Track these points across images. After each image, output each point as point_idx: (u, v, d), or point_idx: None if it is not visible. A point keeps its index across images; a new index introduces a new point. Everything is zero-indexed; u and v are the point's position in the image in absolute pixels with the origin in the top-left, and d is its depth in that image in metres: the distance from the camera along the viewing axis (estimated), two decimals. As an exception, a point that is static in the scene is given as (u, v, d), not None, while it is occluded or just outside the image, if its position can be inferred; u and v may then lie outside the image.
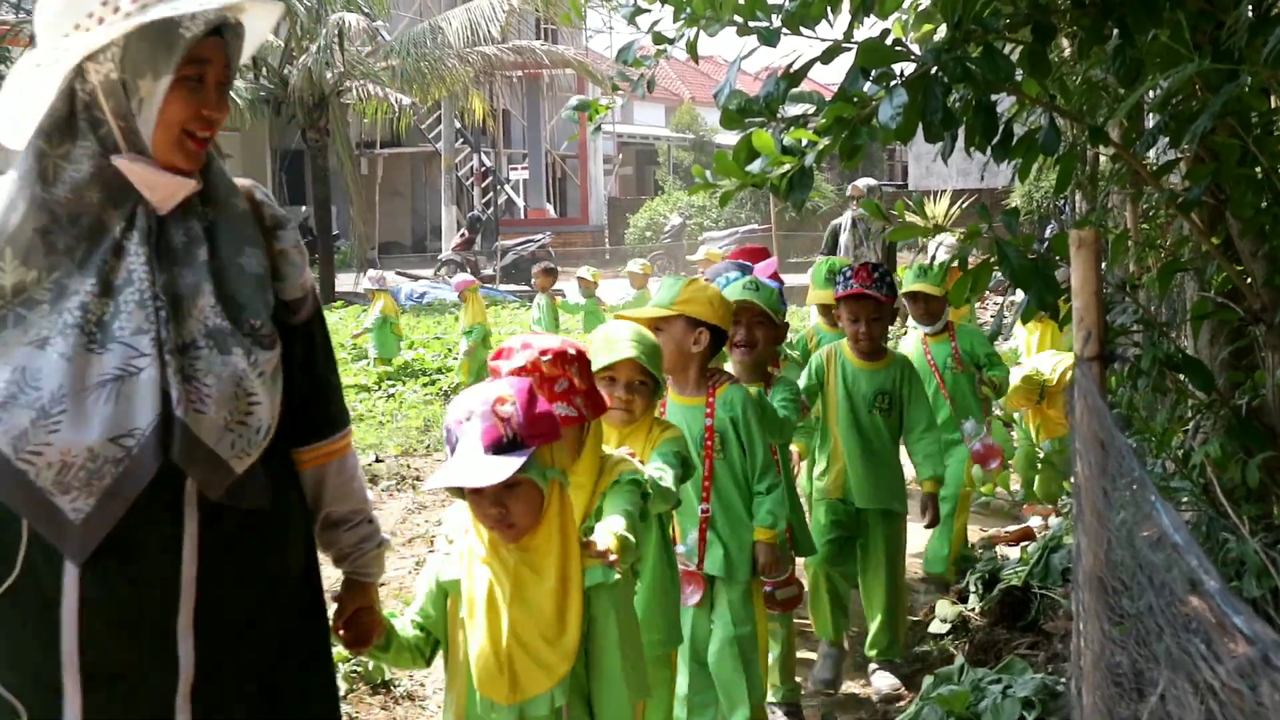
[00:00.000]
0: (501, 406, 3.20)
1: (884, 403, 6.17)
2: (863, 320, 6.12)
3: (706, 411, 4.96)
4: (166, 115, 2.72)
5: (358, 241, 30.90)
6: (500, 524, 3.26)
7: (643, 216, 39.91)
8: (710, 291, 4.98)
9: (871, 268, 6.14)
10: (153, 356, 2.64)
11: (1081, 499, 2.53)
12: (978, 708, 4.47)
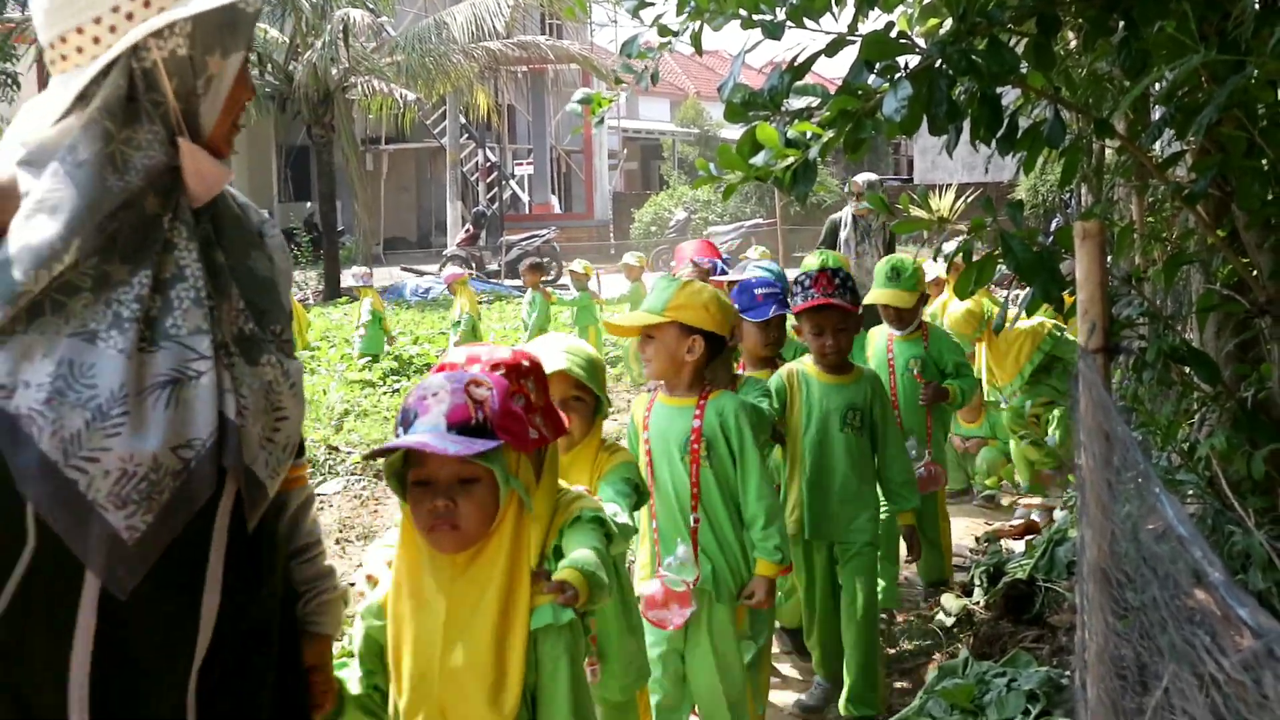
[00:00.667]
0: (476, 389, 2.87)
1: (855, 420, 5.66)
2: (828, 332, 5.62)
3: (695, 413, 4.67)
4: (234, 98, 2.55)
5: (363, 237, 30.90)
6: (443, 523, 2.86)
7: (648, 211, 39.90)
8: (705, 296, 4.67)
9: (832, 274, 5.66)
10: (212, 360, 2.43)
11: (1085, 491, 2.52)
12: (982, 701, 4.46)
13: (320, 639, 2.88)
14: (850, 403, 5.64)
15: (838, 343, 5.62)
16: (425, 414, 2.83)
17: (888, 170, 52.30)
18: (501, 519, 2.90)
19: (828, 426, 5.62)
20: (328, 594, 2.89)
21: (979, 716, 4.40)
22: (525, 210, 44.67)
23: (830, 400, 5.65)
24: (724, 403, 4.67)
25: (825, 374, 5.70)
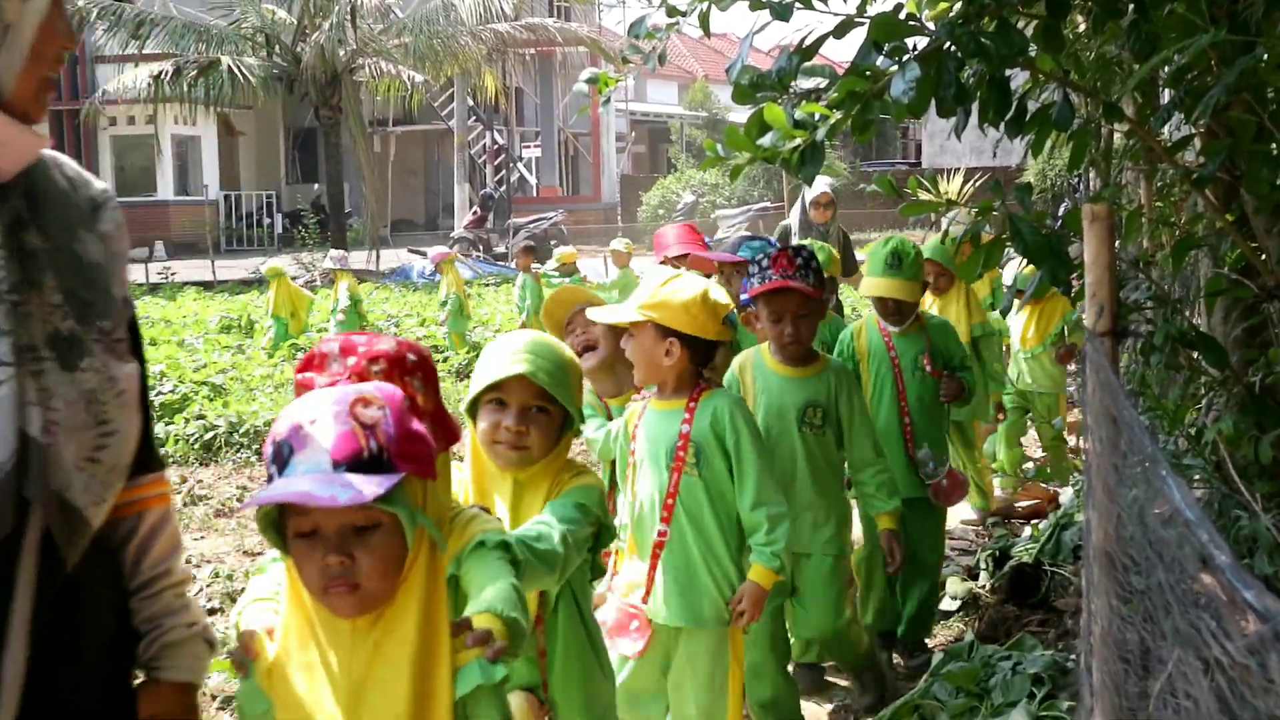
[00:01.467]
0: (364, 409, 2.27)
1: (816, 417, 5.03)
2: (787, 318, 4.96)
3: (684, 417, 4.21)
4: (39, 49, 2.09)
5: (370, 219, 30.90)
6: (339, 584, 2.27)
7: (655, 194, 39.86)
8: (687, 296, 4.12)
9: (793, 252, 5.02)
10: (12, 368, 2.02)
11: (1091, 475, 2.52)
12: (987, 684, 4.46)
13: (167, 688, 2.34)
14: (810, 399, 5.00)
15: (797, 330, 4.96)
16: (303, 449, 2.23)
17: (896, 155, 52.23)
18: (410, 567, 2.34)
19: (784, 425, 5.01)
20: (173, 633, 2.36)
21: (984, 700, 4.40)
22: (533, 193, 44.65)
23: (787, 395, 5.03)
24: (717, 401, 4.22)
25: (783, 365, 5.07)
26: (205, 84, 28.98)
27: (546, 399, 3.32)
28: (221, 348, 16.09)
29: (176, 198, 40.45)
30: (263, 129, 43.88)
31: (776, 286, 4.94)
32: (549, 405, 3.33)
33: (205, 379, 12.96)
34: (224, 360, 14.49)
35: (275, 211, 42.25)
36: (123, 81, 29.77)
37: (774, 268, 4.96)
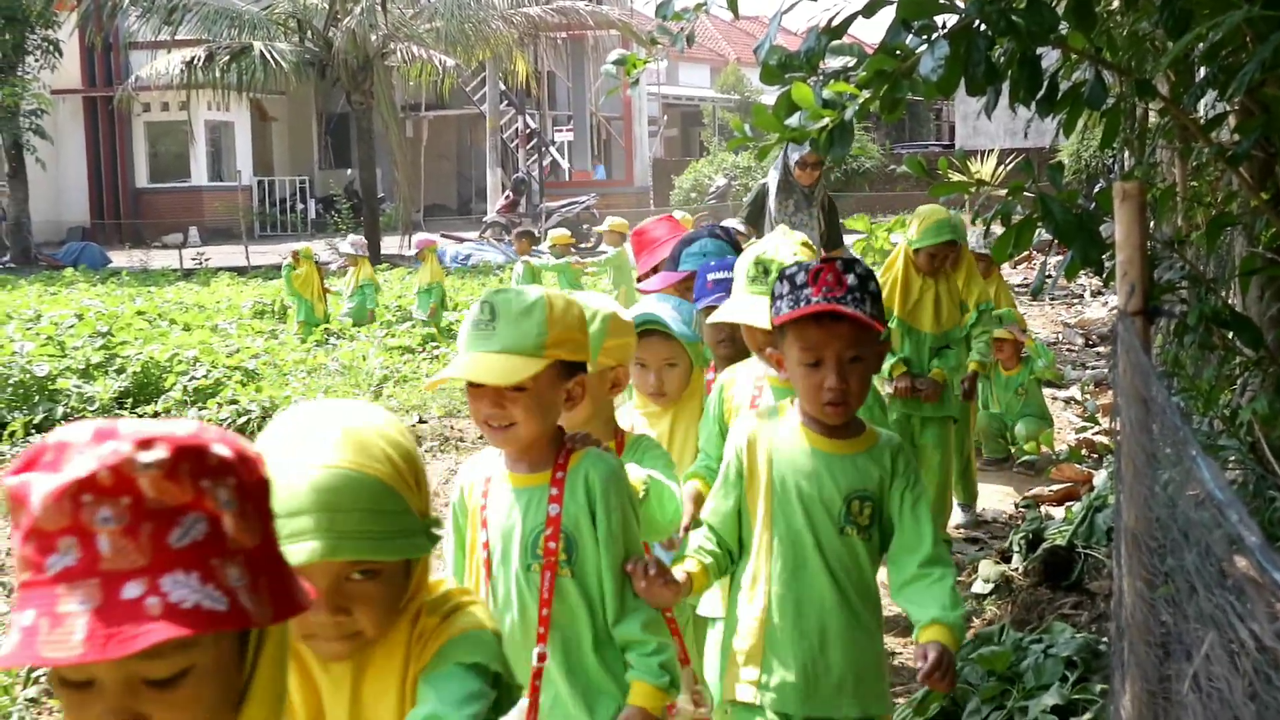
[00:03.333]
0: None
1: (863, 515, 3.36)
2: (831, 363, 3.26)
3: (551, 493, 3.10)
4: None
5: (403, 204, 30.94)
6: None
7: (687, 178, 39.76)
8: (574, 313, 3.12)
9: (844, 266, 3.28)
10: None
11: (1122, 456, 2.49)
12: (1019, 668, 4.44)
13: None
14: (856, 489, 3.35)
15: (846, 383, 3.26)
16: None
17: (929, 136, 51.99)
18: None
19: (815, 525, 3.34)
20: None
21: (1016, 683, 4.37)
22: (565, 177, 44.62)
23: (825, 483, 3.35)
24: (590, 467, 3.13)
25: (819, 436, 3.38)
26: (238, 69, 29.04)
27: None
28: (255, 333, 16.14)
29: (210, 183, 40.62)
30: (295, 114, 43.99)
31: (823, 310, 3.20)
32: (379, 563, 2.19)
33: (238, 364, 13.00)
34: (257, 345, 14.54)
35: (308, 197, 42.39)
36: (155, 68, 29.86)
37: (814, 285, 3.22)
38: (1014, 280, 19.78)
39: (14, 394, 11.62)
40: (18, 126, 31.91)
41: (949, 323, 7.25)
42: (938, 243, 7.03)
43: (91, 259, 30.00)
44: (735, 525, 3.44)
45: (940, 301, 7.20)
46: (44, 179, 35.88)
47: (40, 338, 13.62)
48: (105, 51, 38.30)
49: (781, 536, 3.35)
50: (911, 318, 7.17)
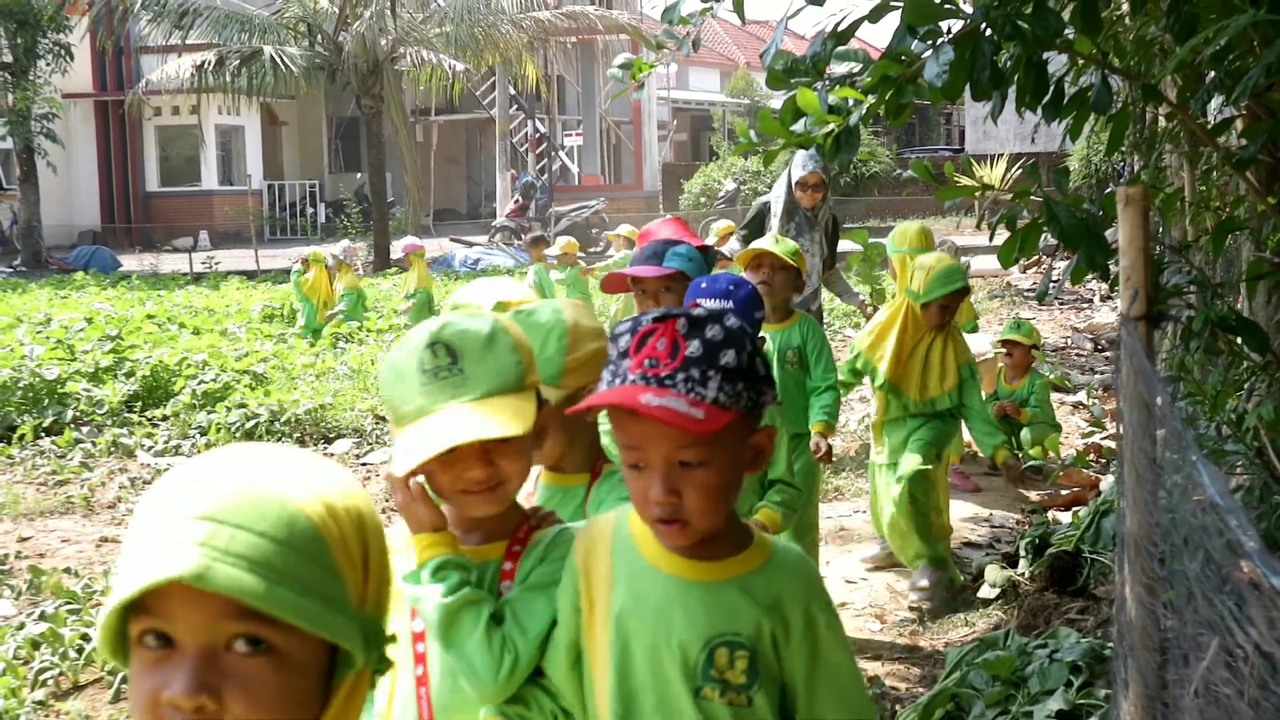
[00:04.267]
0: None
1: (734, 670, 2.35)
2: (658, 467, 2.24)
3: (505, 567, 2.57)
4: None
5: (412, 208, 30.97)
6: None
7: (697, 182, 39.76)
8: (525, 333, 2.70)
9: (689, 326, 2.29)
10: None
11: (1125, 461, 2.49)
12: (1024, 672, 4.43)
13: None
14: (722, 631, 2.37)
15: (679, 495, 2.28)
16: None
17: (939, 141, 51.99)
18: None
19: (661, 685, 2.40)
20: None
21: (1020, 688, 4.37)
22: (574, 181, 44.63)
23: (675, 618, 2.38)
24: (543, 537, 2.60)
25: (671, 554, 2.40)
26: (248, 74, 29.09)
27: None
28: (264, 336, 16.16)
29: (220, 187, 40.69)
30: (305, 118, 44.05)
31: (618, 401, 2.25)
32: None
33: (247, 367, 13.02)
34: (266, 349, 14.55)
35: (318, 201, 42.44)
36: (166, 72, 29.91)
37: (634, 356, 2.25)
38: (1023, 285, 19.77)
39: (24, 397, 11.65)
40: (29, 130, 31.97)
41: (938, 388, 6.55)
42: (949, 292, 6.42)
43: (102, 263, 30.06)
44: (577, 684, 2.47)
45: (931, 365, 6.52)
46: (55, 183, 35.96)
47: (50, 341, 13.66)
48: (116, 56, 38.37)
49: (621, 699, 2.38)
50: (909, 385, 6.54)
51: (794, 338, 5.86)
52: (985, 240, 9.56)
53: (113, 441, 10.67)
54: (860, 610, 6.58)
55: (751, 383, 2.22)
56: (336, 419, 11.26)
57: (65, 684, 5.71)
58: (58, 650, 5.85)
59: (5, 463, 10.26)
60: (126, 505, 8.94)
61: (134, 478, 9.68)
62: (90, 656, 5.84)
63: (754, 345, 2.25)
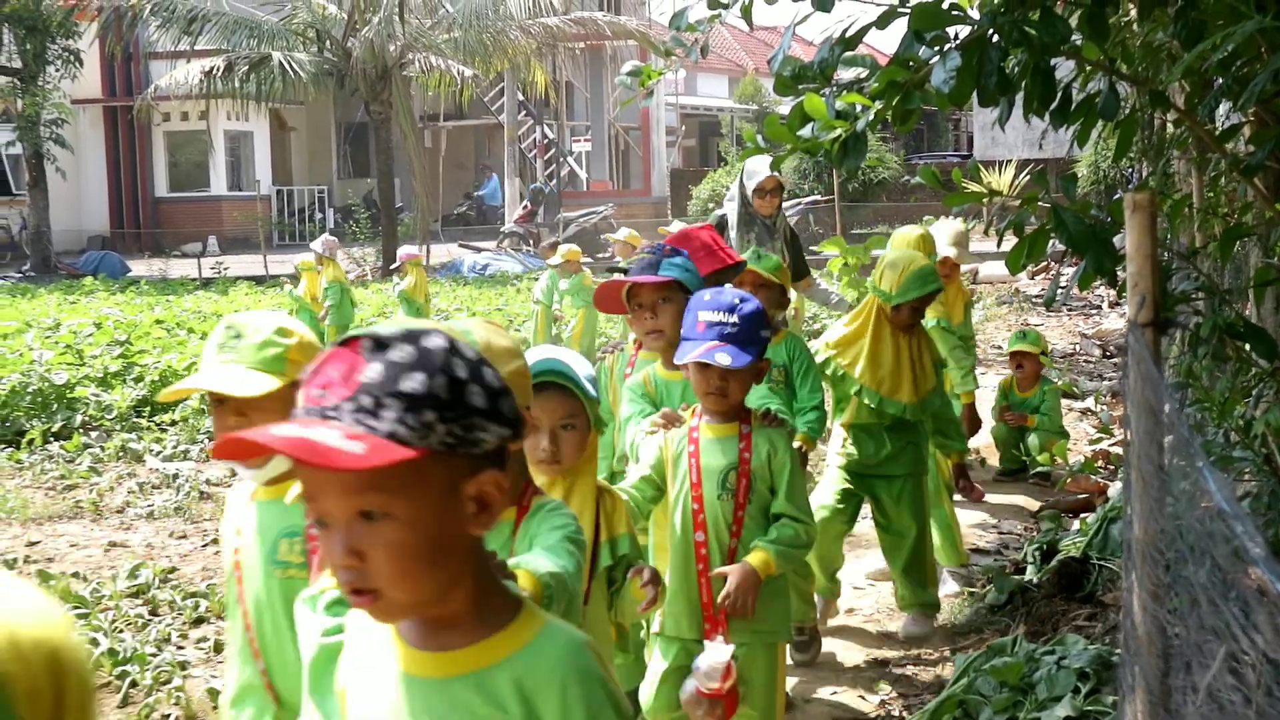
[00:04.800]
0: None
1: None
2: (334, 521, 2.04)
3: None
4: None
5: (421, 214, 30.99)
6: None
7: (705, 188, 39.74)
8: None
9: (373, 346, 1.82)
10: None
11: (1131, 468, 2.49)
12: (1031, 679, 4.43)
13: None
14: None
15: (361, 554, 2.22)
16: None
17: (947, 147, 51.95)
18: None
19: None
20: None
21: (1028, 694, 4.37)
22: (583, 187, 44.64)
23: None
24: None
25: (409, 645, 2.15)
26: (257, 79, 29.14)
27: None
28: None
29: (229, 193, 40.73)
30: (314, 124, 44.08)
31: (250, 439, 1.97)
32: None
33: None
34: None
35: (327, 206, 42.47)
36: (175, 77, 29.98)
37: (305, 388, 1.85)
38: (1031, 291, 19.75)
39: (33, 402, 11.67)
40: (38, 136, 32.04)
41: (925, 386, 6.13)
42: (924, 294, 5.97)
43: (111, 268, 30.10)
44: None
45: (915, 363, 6.09)
46: (64, 188, 36.02)
47: (59, 346, 13.68)
48: (125, 61, 38.44)
49: None
50: (887, 389, 6.04)
51: (779, 355, 5.60)
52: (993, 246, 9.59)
53: (121, 446, 10.69)
54: (869, 616, 6.57)
55: (455, 414, 1.80)
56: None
57: (73, 689, 5.71)
58: (66, 655, 5.86)
59: (14, 467, 10.27)
60: (135, 510, 8.95)
61: (142, 482, 9.69)
62: (99, 660, 5.85)
63: (473, 372, 1.85)
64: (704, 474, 4.16)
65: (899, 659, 6.04)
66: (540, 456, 3.35)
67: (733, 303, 4.05)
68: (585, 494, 3.47)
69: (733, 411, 4.19)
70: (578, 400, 3.39)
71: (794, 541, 4.14)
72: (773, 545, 4.08)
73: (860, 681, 5.77)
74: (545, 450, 3.35)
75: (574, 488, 3.45)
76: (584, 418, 3.42)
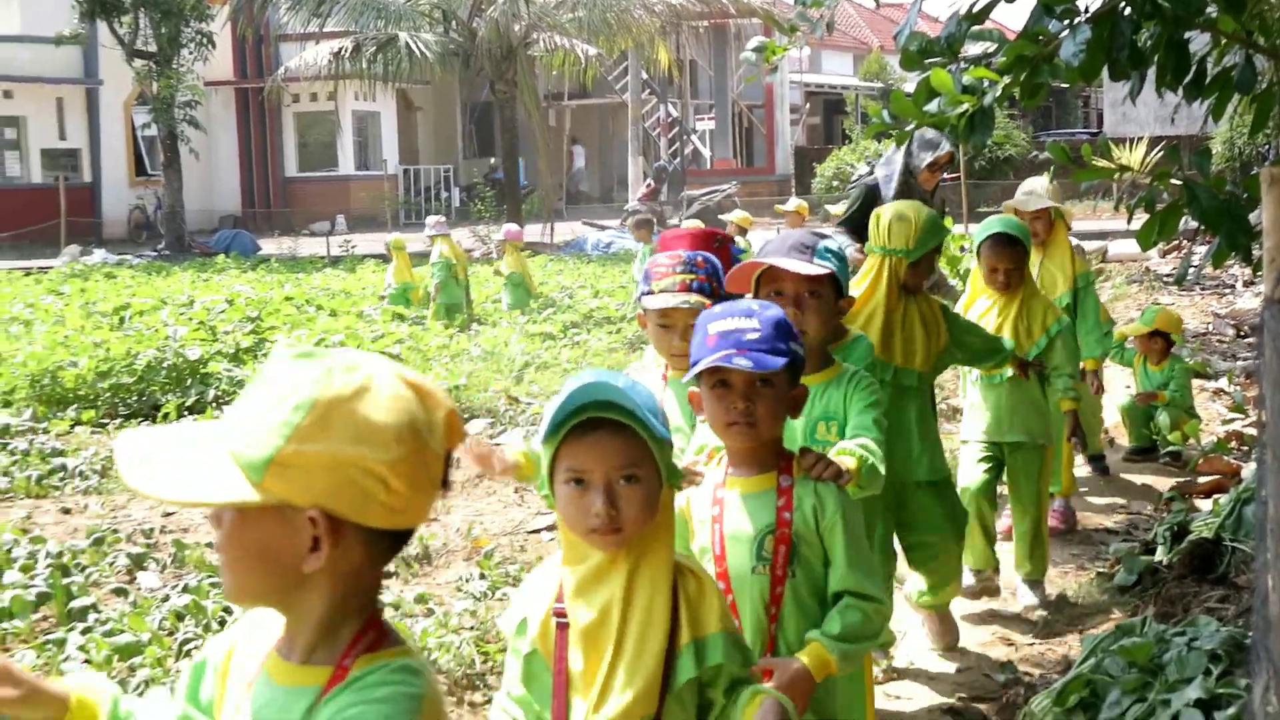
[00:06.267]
0: None
1: None
2: None
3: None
4: None
5: (545, 193, 31.18)
6: None
7: (830, 166, 39.52)
8: None
9: None
10: None
11: (1266, 447, 2.45)
12: (1161, 660, 4.37)
13: None
14: None
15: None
16: None
17: (1077, 124, 51.16)
18: None
19: None
20: None
21: (1158, 676, 4.30)
22: (706, 165, 44.63)
23: None
24: None
25: None
26: (384, 60, 29.50)
27: None
28: (399, 318, 16.39)
29: (357, 172, 41.31)
30: (440, 104, 44.51)
31: None
32: None
33: (383, 349, 13.20)
34: (401, 331, 14.75)
35: (452, 185, 42.88)
36: (304, 59, 30.46)
37: None
38: (1163, 269, 19.40)
39: (168, 377, 11.93)
40: (173, 117, 32.68)
41: (937, 349, 5.32)
42: (938, 244, 5.35)
43: (242, 246, 30.65)
44: None
45: (914, 331, 5.25)
46: (198, 168, 36.78)
47: (193, 322, 13.95)
48: (256, 43, 39.14)
49: None
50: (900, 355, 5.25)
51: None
52: (1123, 224, 9.43)
53: (253, 421, 10.87)
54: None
55: None
56: (471, 400, 11.37)
57: (208, 655, 5.85)
58: (200, 622, 6.00)
59: (150, 441, 10.51)
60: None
61: (273, 456, 9.85)
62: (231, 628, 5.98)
63: None
64: (730, 541, 3.19)
65: (1024, 639, 5.99)
66: (593, 524, 2.59)
67: (751, 308, 3.18)
68: (657, 574, 2.67)
69: (766, 454, 3.25)
70: (641, 443, 2.61)
71: (861, 632, 3.15)
72: (834, 641, 3.09)
73: (984, 661, 5.74)
74: (600, 514, 2.58)
75: (640, 566, 2.66)
76: (651, 466, 2.62)
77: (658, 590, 2.63)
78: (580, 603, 2.65)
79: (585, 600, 2.65)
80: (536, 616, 2.70)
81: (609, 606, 2.63)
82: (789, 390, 3.20)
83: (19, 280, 22.37)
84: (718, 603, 2.70)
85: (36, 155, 38.58)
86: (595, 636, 2.63)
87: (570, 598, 2.67)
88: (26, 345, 13.14)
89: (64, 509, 8.38)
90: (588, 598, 2.64)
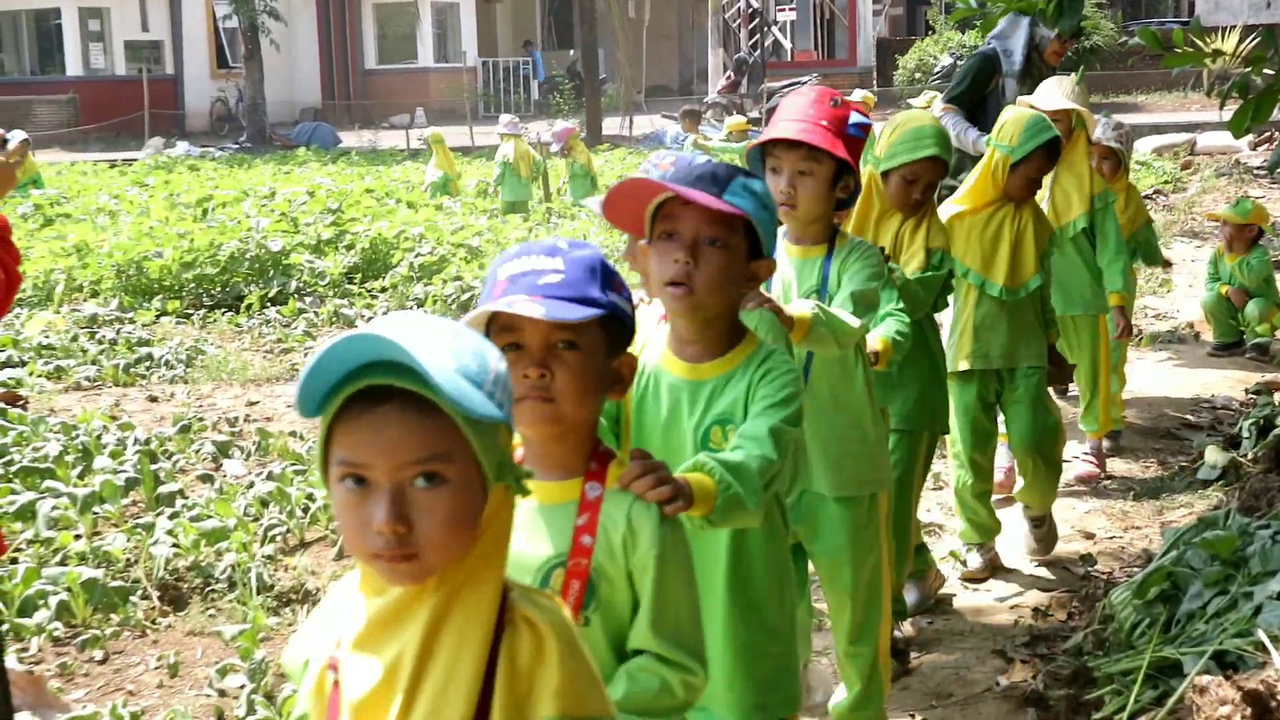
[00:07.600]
0: None
1: None
2: None
3: None
4: None
5: (624, 85, 31.00)
6: None
7: (912, 58, 38.91)
8: None
9: None
10: None
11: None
12: (1245, 553, 4.33)
13: None
14: None
15: None
16: None
17: (1168, 13, 50.02)
18: None
19: None
20: None
21: (1240, 569, 4.27)
22: (787, 58, 44.07)
23: None
24: None
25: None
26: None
27: None
28: (479, 211, 16.41)
29: (436, 64, 41.20)
30: (518, -4, 44.28)
31: None
32: None
33: (462, 241, 13.24)
34: (480, 224, 14.78)
35: (532, 78, 42.71)
36: (384, -51, 30.34)
37: None
38: (1253, 162, 19.02)
39: (250, 268, 12.06)
40: (253, 9, 32.70)
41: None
42: (914, 160, 4.56)
43: (323, 139, 30.74)
44: None
45: (908, 248, 4.63)
46: (278, 61, 36.81)
47: (274, 214, 14.05)
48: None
49: None
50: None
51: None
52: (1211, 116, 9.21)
53: (334, 312, 10.97)
54: (1070, 483, 6.41)
55: None
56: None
57: (292, 540, 5.94)
58: (285, 508, 6.10)
59: (234, 331, 10.65)
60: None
61: (355, 347, 9.94)
62: (315, 515, 6.07)
63: None
64: (511, 570, 1.91)
65: (1103, 533, 5.97)
66: (373, 544, 1.75)
67: (556, 246, 2.39)
68: (470, 623, 1.79)
69: (571, 450, 2.40)
70: (450, 425, 1.75)
71: (651, 705, 2.30)
72: None
73: (1063, 555, 5.73)
74: (383, 531, 1.73)
75: (450, 610, 1.79)
76: (468, 461, 1.77)
77: (466, 647, 1.77)
78: (364, 655, 1.80)
79: (373, 650, 1.79)
80: (317, 662, 1.89)
81: (397, 666, 1.77)
82: (604, 357, 2.37)
83: (105, 172, 22.63)
84: (561, 671, 1.79)
85: (120, 47, 38.77)
86: (373, 710, 1.78)
87: (353, 645, 1.81)
88: (113, 236, 13.32)
89: (151, 397, 8.53)
90: (377, 647, 1.79)
